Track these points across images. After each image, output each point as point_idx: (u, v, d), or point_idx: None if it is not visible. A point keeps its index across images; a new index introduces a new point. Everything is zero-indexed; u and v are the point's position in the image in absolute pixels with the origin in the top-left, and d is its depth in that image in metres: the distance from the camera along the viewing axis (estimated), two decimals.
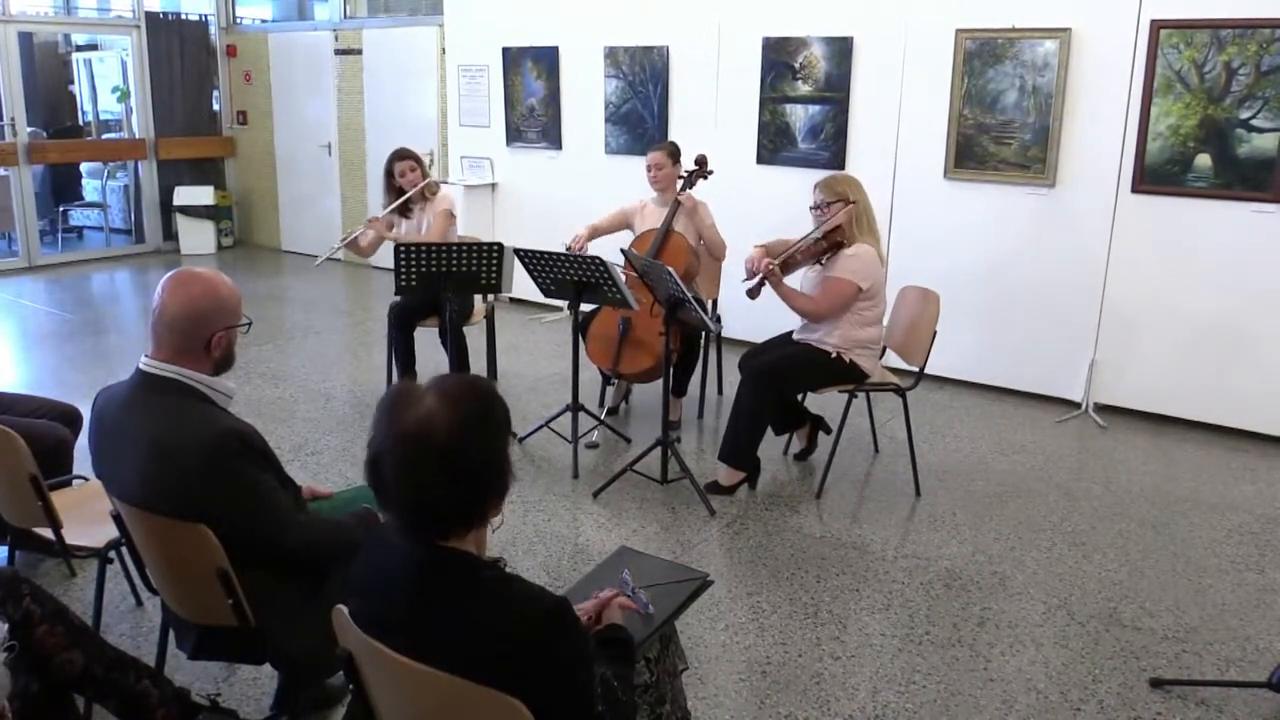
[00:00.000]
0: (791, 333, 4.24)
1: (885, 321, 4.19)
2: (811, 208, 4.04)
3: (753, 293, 3.96)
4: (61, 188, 10.37)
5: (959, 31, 5.18)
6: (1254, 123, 4.54)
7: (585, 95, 6.77)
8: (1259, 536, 3.82)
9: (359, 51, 8.60)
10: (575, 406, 4.38)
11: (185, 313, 2.14)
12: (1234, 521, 3.95)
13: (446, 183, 7.09)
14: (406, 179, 5.01)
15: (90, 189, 10.57)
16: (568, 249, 4.44)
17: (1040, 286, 5.22)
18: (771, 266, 3.89)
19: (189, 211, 9.48)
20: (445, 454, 1.51)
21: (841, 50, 5.60)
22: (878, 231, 4.09)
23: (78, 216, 10.53)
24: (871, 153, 5.56)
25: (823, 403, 4.51)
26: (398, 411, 1.54)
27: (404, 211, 5.08)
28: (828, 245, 3.98)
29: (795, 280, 4.10)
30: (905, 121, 5.49)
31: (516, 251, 4.26)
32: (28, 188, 8.71)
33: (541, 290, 4.33)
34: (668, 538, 3.72)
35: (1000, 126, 5.17)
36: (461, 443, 1.52)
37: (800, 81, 5.79)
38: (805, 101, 5.80)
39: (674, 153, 4.78)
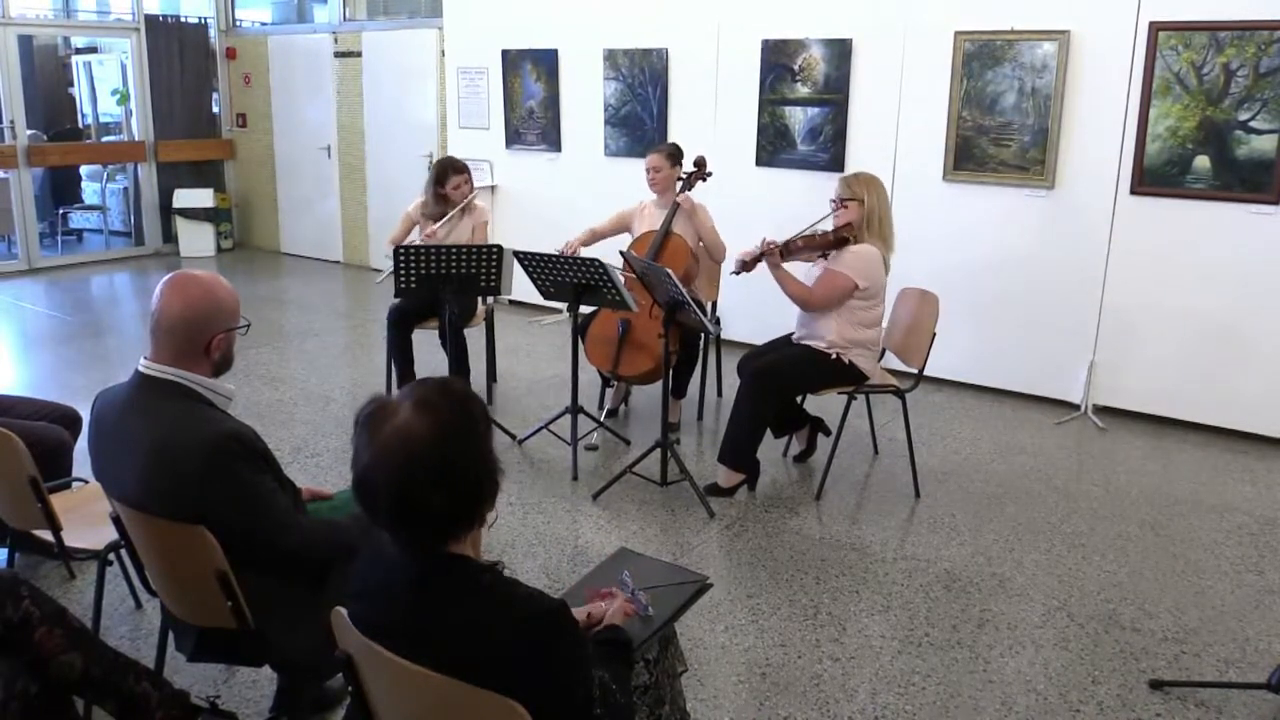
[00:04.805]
0: (791, 335, 4.24)
1: (884, 323, 4.19)
2: (831, 200, 4.05)
3: (747, 265, 3.95)
4: (61, 190, 10.36)
5: (958, 33, 5.19)
6: (1253, 124, 4.54)
7: (585, 97, 6.78)
8: (1258, 538, 3.82)
9: (358, 54, 8.61)
10: (575, 408, 4.38)
11: (184, 316, 2.14)
12: (1233, 523, 3.95)
13: None
14: (459, 191, 5.00)
15: (90, 192, 10.57)
16: (560, 253, 4.42)
17: (1039, 288, 5.23)
18: (772, 244, 3.89)
19: (188, 214, 9.48)
20: (431, 465, 1.50)
21: (840, 52, 5.61)
22: (890, 238, 4.04)
23: (77, 219, 10.53)
24: (871, 155, 5.56)
25: (822, 404, 4.51)
26: (375, 426, 1.53)
27: (437, 218, 5.06)
28: (834, 240, 3.98)
29: (797, 273, 4.08)
30: (904, 123, 5.49)
31: (516, 254, 4.26)
32: (27, 190, 8.72)
33: (541, 292, 4.33)
34: (667, 539, 3.72)
35: (999, 128, 5.18)
36: (446, 451, 1.51)
37: (799, 83, 5.79)
38: (804, 104, 5.80)
39: (673, 155, 4.76)
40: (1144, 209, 4.89)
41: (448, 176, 5.01)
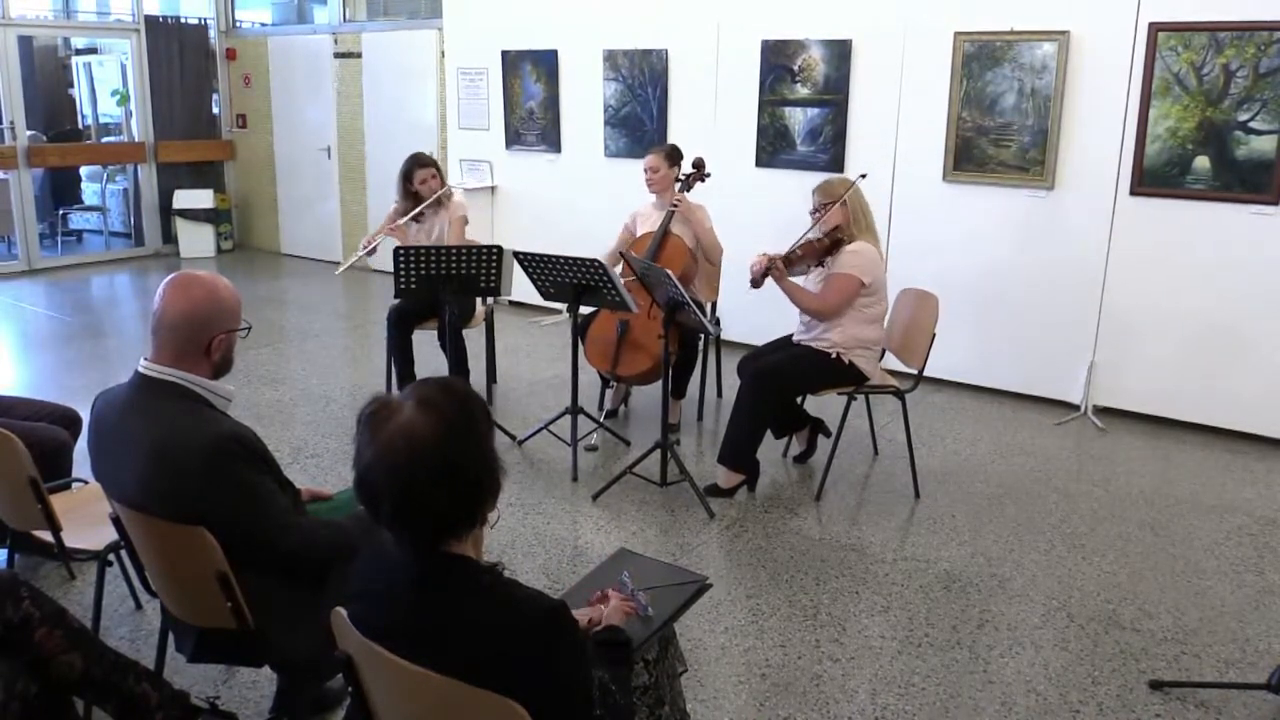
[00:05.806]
0: (791, 335, 4.25)
1: (885, 323, 4.20)
2: (811, 212, 4.07)
3: (756, 283, 3.98)
4: (61, 191, 10.37)
5: (957, 34, 5.19)
6: (1252, 125, 4.55)
7: (584, 98, 6.78)
8: (1258, 538, 3.82)
9: (358, 55, 8.61)
10: (574, 409, 4.38)
11: (186, 316, 2.14)
12: (1233, 523, 3.95)
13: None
14: (426, 185, 5.00)
15: (90, 192, 10.57)
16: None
17: (1039, 289, 5.23)
18: (775, 259, 3.92)
19: (188, 215, 9.48)
20: (433, 464, 1.50)
21: (840, 53, 5.61)
22: (875, 229, 4.11)
23: (77, 220, 10.53)
24: (870, 156, 5.56)
25: (822, 405, 4.51)
26: (378, 424, 1.54)
27: (416, 216, 5.07)
28: (830, 244, 4.00)
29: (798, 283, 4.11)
30: (904, 124, 5.49)
31: (516, 254, 4.26)
32: (27, 191, 8.72)
33: (541, 293, 4.33)
34: (667, 540, 3.72)
35: (999, 129, 5.18)
36: (448, 450, 1.51)
37: (799, 84, 5.79)
38: (804, 104, 5.80)
39: (671, 155, 4.76)
40: (1144, 209, 4.89)
41: (414, 172, 5.02)
